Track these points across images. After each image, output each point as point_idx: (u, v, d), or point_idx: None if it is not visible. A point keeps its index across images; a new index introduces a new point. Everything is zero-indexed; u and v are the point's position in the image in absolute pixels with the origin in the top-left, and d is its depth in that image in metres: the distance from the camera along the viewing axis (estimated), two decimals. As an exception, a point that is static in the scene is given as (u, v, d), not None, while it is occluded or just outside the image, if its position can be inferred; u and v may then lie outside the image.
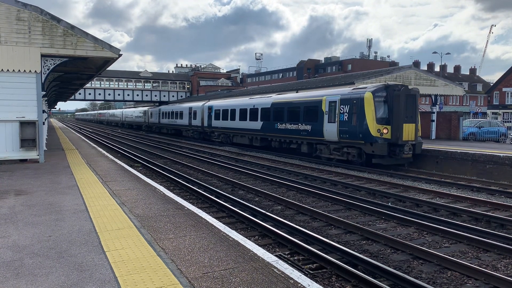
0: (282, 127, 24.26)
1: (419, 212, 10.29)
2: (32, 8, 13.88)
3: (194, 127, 39.19)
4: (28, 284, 4.31)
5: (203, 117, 36.25)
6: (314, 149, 21.67)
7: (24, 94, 14.15)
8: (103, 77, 61.24)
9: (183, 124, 42.40)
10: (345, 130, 19.11)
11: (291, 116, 23.40)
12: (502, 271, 6.62)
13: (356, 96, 18.66)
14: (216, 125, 33.55)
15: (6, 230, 6.24)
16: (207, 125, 35.35)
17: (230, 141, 31.50)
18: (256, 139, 27.48)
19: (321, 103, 20.91)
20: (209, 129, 35.15)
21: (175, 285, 4.29)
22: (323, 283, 5.95)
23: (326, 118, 20.35)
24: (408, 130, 17.81)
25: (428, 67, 77.02)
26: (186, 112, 41.08)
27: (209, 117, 34.84)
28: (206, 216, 7.24)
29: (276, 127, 24.74)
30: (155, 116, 54.43)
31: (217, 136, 33.50)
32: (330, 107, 20.25)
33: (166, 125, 49.07)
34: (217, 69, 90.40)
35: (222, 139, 32.59)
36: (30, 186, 9.99)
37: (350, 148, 19.18)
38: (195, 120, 38.37)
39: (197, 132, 38.83)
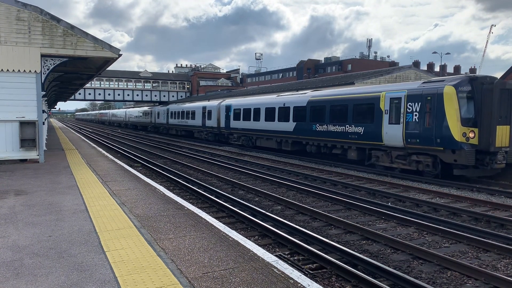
0: (322, 129, 20.70)
1: (419, 212, 10.29)
2: (32, 8, 13.88)
3: (208, 128, 35.51)
4: (28, 284, 4.31)
5: (219, 117, 32.83)
6: (367, 156, 18.18)
7: (24, 94, 14.15)
8: (103, 77, 61.32)
9: (195, 125, 38.81)
10: (415, 134, 15.51)
11: (335, 116, 19.87)
12: (502, 271, 6.62)
13: (431, 91, 15.17)
14: (235, 126, 30.03)
15: (6, 230, 6.24)
16: (225, 126, 31.79)
17: (252, 144, 28.17)
18: (286, 142, 24.08)
19: (378, 100, 17.24)
20: (227, 130, 31.55)
21: (175, 285, 4.29)
22: (323, 283, 5.95)
23: (386, 119, 16.76)
24: (502, 133, 14.47)
25: (428, 67, 77.03)
26: (199, 111, 37.43)
27: (226, 117, 31.29)
28: (206, 216, 7.24)
29: (314, 129, 21.20)
30: (163, 116, 50.36)
31: (237, 139, 30.33)
32: (392, 105, 16.62)
33: (176, 126, 45.44)
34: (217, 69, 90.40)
35: (243, 142, 29.29)
36: (30, 186, 9.99)
37: (421, 155, 15.68)
38: (210, 120, 34.83)
39: (212, 134, 35.05)
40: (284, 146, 24.34)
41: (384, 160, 17.29)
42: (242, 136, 29.38)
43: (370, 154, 18.02)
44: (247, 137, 28.73)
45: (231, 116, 30.70)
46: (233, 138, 30.99)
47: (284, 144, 24.37)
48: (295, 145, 23.57)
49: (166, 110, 48.98)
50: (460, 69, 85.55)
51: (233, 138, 31.05)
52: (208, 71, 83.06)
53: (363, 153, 18.48)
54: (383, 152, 17.29)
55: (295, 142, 23.48)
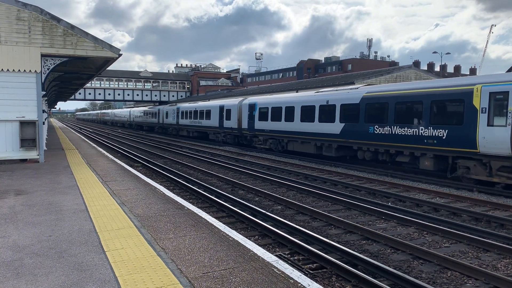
0: (382, 131, 16.97)
1: (419, 212, 10.29)
2: (32, 8, 13.89)
3: (227, 129, 31.59)
4: (28, 284, 4.31)
5: (241, 117, 29.04)
6: (450, 166, 14.82)
7: (24, 94, 14.16)
8: (103, 77, 61.36)
9: (210, 126, 34.75)
10: None
11: (402, 115, 16.36)
12: (502, 271, 6.62)
13: None
14: (261, 127, 26.26)
15: (6, 230, 6.24)
16: (247, 127, 27.88)
17: (282, 148, 24.67)
18: (329, 147, 20.41)
19: (470, 95, 13.71)
20: (250, 132, 27.67)
21: (175, 285, 4.29)
22: (323, 283, 5.94)
23: (484, 119, 13.26)
24: None
25: (428, 67, 77.01)
26: (216, 111, 33.49)
27: (250, 117, 27.50)
28: (206, 216, 7.24)
29: (371, 132, 17.51)
30: (172, 116, 46.14)
31: (263, 142, 26.57)
32: (492, 102, 13.10)
33: (187, 127, 41.29)
34: (217, 69, 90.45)
35: (271, 146, 25.62)
36: (30, 186, 9.99)
37: None
38: (229, 121, 31.01)
39: (232, 136, 31.33)
40: (326, 151, 20.60)
41: (478, 172, 13.73)
42: (270, 139, 25.63)
43: (455, 164, 14.58)
44: (276, 140, 25.06)
45: (255, 116, 26.84)
46: (258, 141, 27.09)
47: (326, 149, 20.62)
48: (341, 150, 19.88)
49: (176, 109, 44.89)
50: (460, 69, 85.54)
51: (258, 141, 27.16)
52: (208, 71, 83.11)
53: (443, 162, 15.07)
54: (476, 162, 13.75)
55: (342, 147, 19.68)
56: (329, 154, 20.50)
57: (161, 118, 50.71)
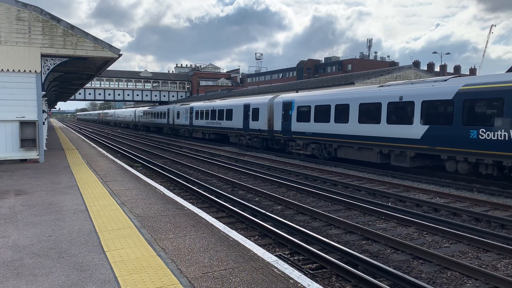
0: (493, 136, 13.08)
1: (419, 212, 10.29)
2: (32, 8, 13.89)
3: (254, 131, 27.70)
4: (28, 284, 4.31)
5: (272, 117, 25.39)
6: None
7: (24, 94, 14.17)
8: (103, 77, 61.39)
9: (232, 128, 30.83)
10: None
11: None
12: (502, 271, 6.62)
13: None
14: (300, 129, 22.42)
15: (6, 230, 6.24)
16: (281, 129, 24.16)
17: (329, 155, 20.77)
18: (401, 155, 16.38)
19: None
20: (285, 135, 23.84)
21: (175, 285, 4.29)
22: (323, 283, 5.95)
23: None
24: None
25: (428, 67, 77.01)
26: (239, 110, 29.81)
27: (284, 118, 23.84)
28: (206, 216, 7.24)
29: (473, 137, 13.68)
30: (184, 117, 41.96)
31: (302, 147, 22.70)
32: None
33: (203, 128, 36.95)
34: (217, 69, 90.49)
35: (314, 152, 21.72)
36: (30, 186, 9.99)
37: None
38: (256, 121, 27.22)
39: (259, 139, 27.45)
40: (397, 160, 16.71)
41: None
42: (312, 144, 21.71)
43: None
44: (321, 145, 21.16)
45: (292, 117, 23.05)
46: (296, 145, 23.20)
47: (396, 157, 16.69)
48: (419, 159, 16.02)
49: (189, 109, 40.67)
50: (460, 69, 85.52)
51: (295, 146, 23.24)
52: (208, 71, 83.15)
53: None
54: None
55: (421, 156, 15.83)
56: (401, 164, 16.49)
57: (171, 119, 46.55)
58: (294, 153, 23.47)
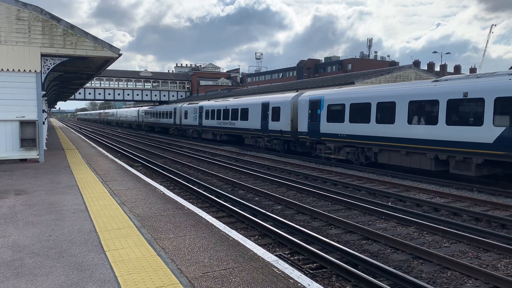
0: None
1: (419, 212, 10.29)
2: (32, 7, 13.89)
3: (274, 133, 25.26)
4: (28, 283, 4.31)
5: (296, 117, 22.95)
6: None
7: (24, 94, 14.16)
8: (103, 76, 61.38)
9: (248, 129, 28.32)
10: None
11: None
12: (502, 271, 6.62)
13: None
14: (331, 130, 19.91)
15: (6, 230, 6.24)
16: (308, 130, 21.53)
17: (367, 160, 18.41)
18: (464, 162, 14.08)
19: None
20: (312, 137, 21.29)
21: (175, 285, 4.29)
22: (323, 282, 5.94)
23: None
24: None
25: (428, 67, 77.02)
26: (256, 109, 27.30)
27: (312, 117, 21.31)
28: (206, 216, 7.24)
29: None
30: (193, 116, 39.47)
31: (334, 150, 20.00)
32: None
33: (214, 129, 34.36)
34: (217, 68, 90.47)
35: (349, 156, 19.17)
36: (30, 185, 9.99)
37: None
38: (277, 122, 24.82)
39: (280, 141, 25.14)
40: (458, 167, 14.32)
41: None
42: (347, 147, 19.23)
43: None
44: (357, 149, 18.74)
45: (321, 116, 20.57)
46: (326, 149, 20.67)
47: (458, 164, 14.29)
48: (490, 167, 13.73)
49: (198, 108, 38.08)
50: (460, 68, 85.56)
51: (325, 149, 20.72)
52: (208, 70, 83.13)
53: None
54: None
55: (492, 163, 13.57)
56: (463, 172, 14.19)
57: (178, 119, 43.99)
58: (322, 158, 20.97)
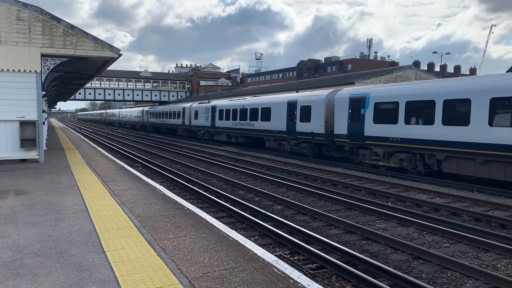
0: None
1: (419, 212, 10.29)
2: (32, 8, 13.89)
3: (302, 135, 22.53)
4: (28, 284, 4.31)
5: (332, 117, 20.22)
6: None
7: (24, 94, 14.17)
8: (103, 77, 61.38)
9: (271, 130, 25.62)
10: None
11: None
12: (502, 271, 6.62)
13: None
14: (380, 133, 17.12)
15: (6, 230, 6.24)
16: (350, 132, 18.73)
17: (426, 168, 15.74)
18: None
19: None
20: (355, 140, 18.53)
21: (175, 285, 4.29)
22: (323, 283, 5.94)
23: None
24: None
25: (428, 67, 77.04)
26: (280, 109, 24.65)
27: (353, 117, 18.63)
28: (206, 216, 7.24)
29: None
30: (204, 117, 36.58)
31: (384, 156, 17.27)
32: None
33: (229, 130, 31.70)
34: (217, 69, 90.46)
35: (404, 164, 16.39)
36: (30, 186, 9.99)
37: None
38: (307, 123, 22.09)
39: (310, 145, 22.40)
40: None
41: None
42: (401, 153, 16.47)
43: None
44: (415, 156, 16.03)
45: (366, 116, 17.88)
46: (371, 154, 17.97)
47: None
48: None
49: (210, 108, 35.28)
50: (460, 69, 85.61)
51: (370, 155, 18.04)
52: (208, 71, 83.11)
53: None
54: None
55: None
56: None
57: (187, 119, 41.34)
58: (365, 165, 18.21)
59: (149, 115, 56.92)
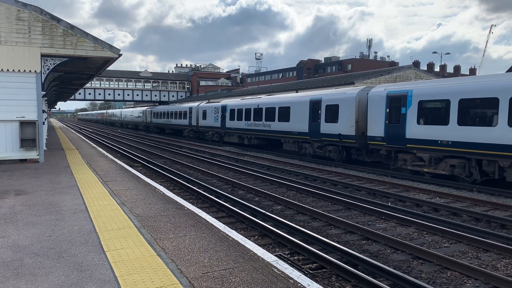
0: None
1: (419, 212, 10.29)
2: (32, 8, 13.89)
3: (328, 137, 20.33)
4: (28, 284, 4.31)
5: (365, 117, 18.27)
6: None
7: (24, 94, 14.17)
8: (103, 77, 61.40)
9: (290, 131, 23.51)
10: None
11: None
12: (502, 271, 6.62)
13: None
14: (427, 135, 14.99)
15: (6, 230, 6.24)
16: (388, 134, 16.65)
17: (483, 176, 13.75)
18: None
19: None
20: (393, 143, 16.41)
21: (175, 285, 4.29)
22: (323, 283, 5.94)
23: None
24: None
25: (428, 67, 77.07)
26: (301, 108, 22.47)
27: (391, 117, 16.53)
28: (206, 216, 7.24)
29: None
30: (214, 117, 34.36)
31: (430, 162, 15.07)
32: None
33: (242, 131, 29.50)
34: (217, 69, 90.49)
35: (456, 171, 14.39)
36: (30, 186, 9.98)
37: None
38: (333, 123, 19.99)
39: (338, 148, 20.25)
40: None
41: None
42: (452, 158, 14.47)
43: None
44: (469, 162, 13.99)
45: (408, 116, 15.70)
46: (414, 159, 15.67)
47: None
48: None
49: (220, 107, 33.07)
50: (460, 69, 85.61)
51: (412, 160, 15.75)
52: (208, 71, 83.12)
53: None
54: None
55: None
56: None
57: (194, 119, 39.34)
58: (405, 171, 16.15)
59: (153, 115, 54.78)
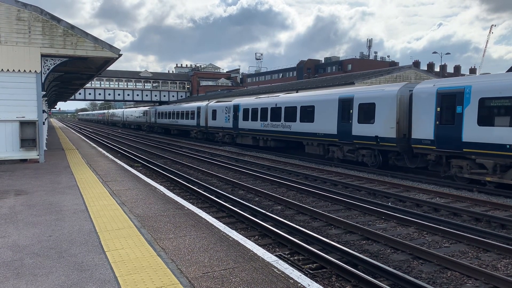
0: None
1: (419, 212, 10.29)
2: (32, 8, 13.90)
3: (362, 140, 18.12)
4: (28, 284, 4.31)
5: (408, 117, 16.31)
6: None
7: (24, 94, 14.17)
8: (103, 77, 61.42)
9: (314, 133, 21.29)
10: None
11: None
12: (502, 271, 6.62)
13: None
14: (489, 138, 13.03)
15: (6, 230, 6.24)
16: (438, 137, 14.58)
17: None
18: None
19: None
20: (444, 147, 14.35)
21: (175, 285, 4.29)
22: (323, 283, 5.95)
23: None
24: None
25: (428, 67, 77.04)
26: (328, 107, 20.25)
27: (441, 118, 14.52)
28: (206, 216, 7.24)
29: None
30: (224, 117, 32.39)
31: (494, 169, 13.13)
32: None
33: (258, 133, 27.16)
34: (217, 69, 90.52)
35: None
36: (30, 186, 9.99)
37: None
38: (369, 124, 17.81)
39: (373, 152, 18.02)
40: None
41: None
42: None
43: None
44: None
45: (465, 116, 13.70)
46: (472, 166, 13.77)
47: None
48: None
49: (232, 107, 30.94)
50: (460, 69, 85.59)
51: (470, 167, 13.83)
52: (208, 71, 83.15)
53: None
54: None
55: None
56: None
57: (203, 120, 37.38)
58: (460, 179, 14.25)
59: (157, 115, 52.40)
